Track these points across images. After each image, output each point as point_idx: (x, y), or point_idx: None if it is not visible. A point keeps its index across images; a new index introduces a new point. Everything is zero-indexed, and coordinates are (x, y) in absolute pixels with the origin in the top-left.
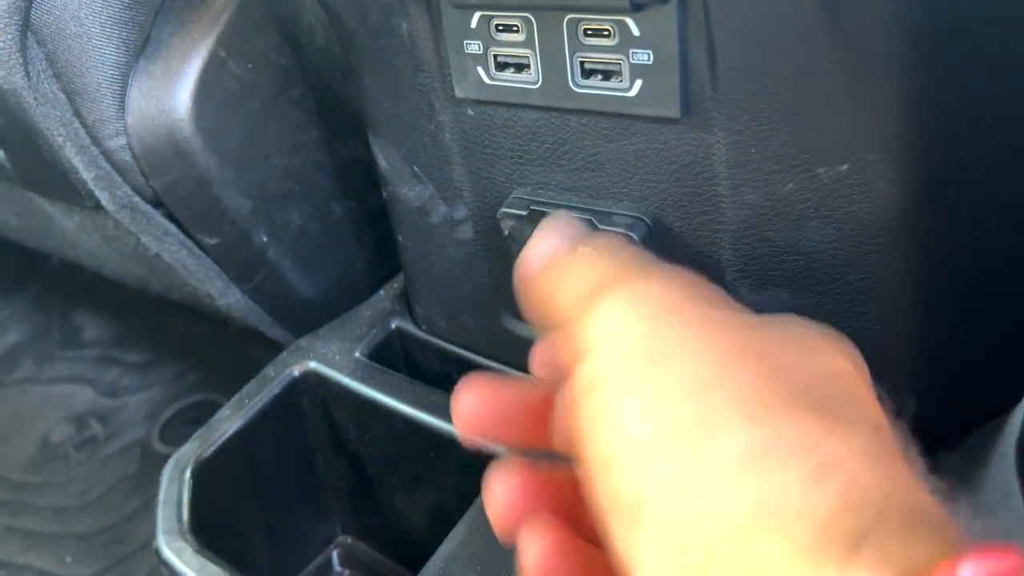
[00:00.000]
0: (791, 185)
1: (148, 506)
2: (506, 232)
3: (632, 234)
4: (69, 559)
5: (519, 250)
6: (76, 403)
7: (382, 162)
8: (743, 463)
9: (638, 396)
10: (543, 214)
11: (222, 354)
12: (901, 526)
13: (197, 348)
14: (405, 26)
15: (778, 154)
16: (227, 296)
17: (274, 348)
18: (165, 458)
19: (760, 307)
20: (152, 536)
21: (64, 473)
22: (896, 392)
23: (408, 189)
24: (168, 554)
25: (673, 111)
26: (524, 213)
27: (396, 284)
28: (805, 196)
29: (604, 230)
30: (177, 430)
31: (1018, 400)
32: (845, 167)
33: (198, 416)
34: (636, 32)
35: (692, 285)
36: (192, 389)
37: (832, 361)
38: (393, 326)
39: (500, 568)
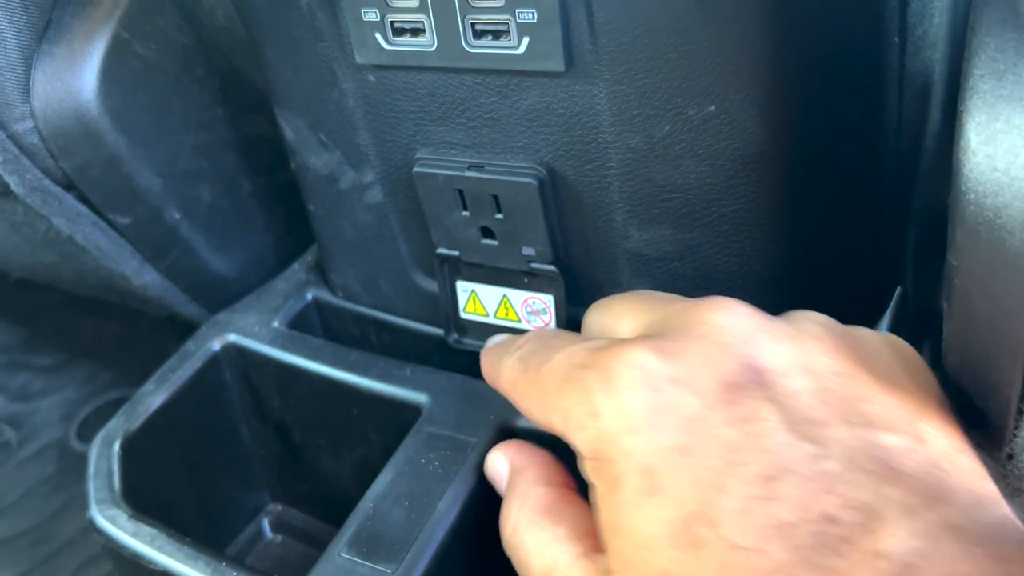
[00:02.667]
0: (667, 127)
1: (69, 505)
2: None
3: (532, 181)
4: None
5: (430, 203)
6: None
7: (288, 133)
8: None
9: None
10: None
11: (135, 350)
12: None
13: (109, 346)
14: None
15: (653, 99)
16: (142, 276)
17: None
18: (84, 457)
19: (648, 243)
20: (80, 532)
21: None
22: (770, 310)
23: (316, 157)
24: (103, 522)
25: (558, 65)
26: (436, 172)
27: (310, 256)
28: (680, 137)
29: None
30: (95, 428)
31: (879, 316)
32: (712, 107)
33: (115, 413)
34: None
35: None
36: (107, 387)
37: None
38: (309, 296)
39: (428, 501)
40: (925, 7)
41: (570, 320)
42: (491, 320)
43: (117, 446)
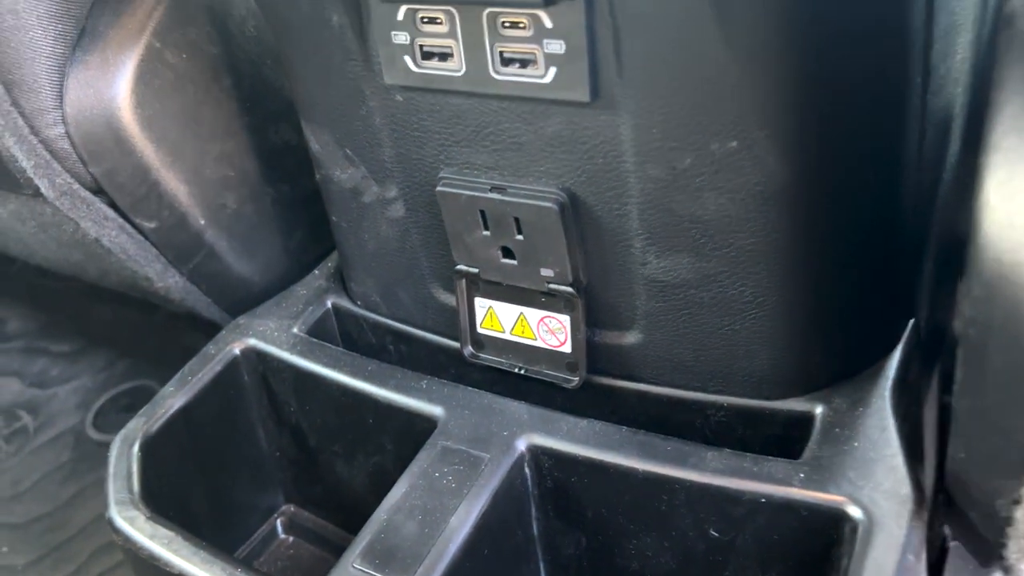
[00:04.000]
0: (689, 160)
1: (83, 492)
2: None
3: (553, 206)
4: (4, 549)
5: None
6: (3, 395)
7: (315, 146)
8: None
9: None
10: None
11: (152, 340)
12: None
13: (126, 335)
14: (335, 18)
15: (676, 133)
16: (165, 279)
17: (205, 332)
18: (100, 445)
19: (666, 270)
20: (94, 520)
21: None
22: (786, 340)
23: (341, 171)
24: (121, 523)
25: (584, 95)
26: (460, 192)
27: (330, 263)
28: (701, 170)
29: None
30: (111, 417)
31: (891, 348)
32: (735, 143)
33: (132, 402)
34: (549, 24)
35: None
36: (124, 376)
37: None
38: (329, 303)
39: (441, 516)
40: (948, 46)
41: (587, 342)
42: (507, 336)
43: (136, 447)
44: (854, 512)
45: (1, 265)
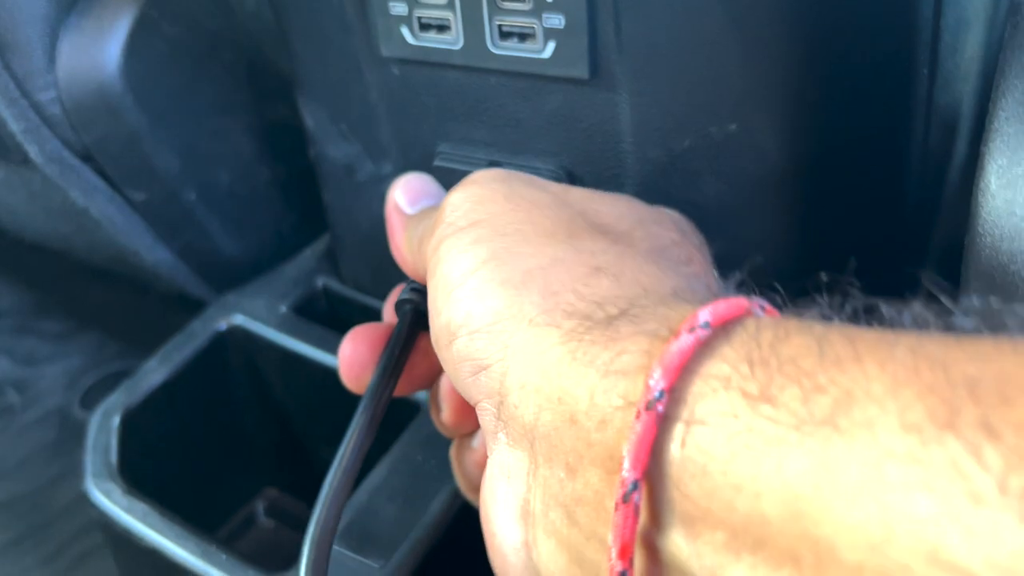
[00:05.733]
0: (687, 142)
1: (67, 473)
2: None
3: None
4: None
5: None
6: None
7: (310, 122)
8: (530, 272)
9: (462, 242)
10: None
11: (143, 322)
12: (659, 303)
13: (117, 317)
14: None
15: (676, 114)
16: (154, 253)
17: (196, 314)
18: (86, 426)
19: None
20: (76, 500)
21: None
22: None
23: (335, 148)
24: (98, 495)
25: (583, 72)
26: (457, 167)
27: (322, 244)
28: (699, 153)
29: None
30: (99, 398)
31: None
32: (734, 127)
33: (120, 384)
34: None
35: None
36: (113, 357)
37: (633, 209)
38: (319, 283)
39: (421, 500)
40: (957, 41)
41: None
42: None
43: (117, 420)
44: None
45: None
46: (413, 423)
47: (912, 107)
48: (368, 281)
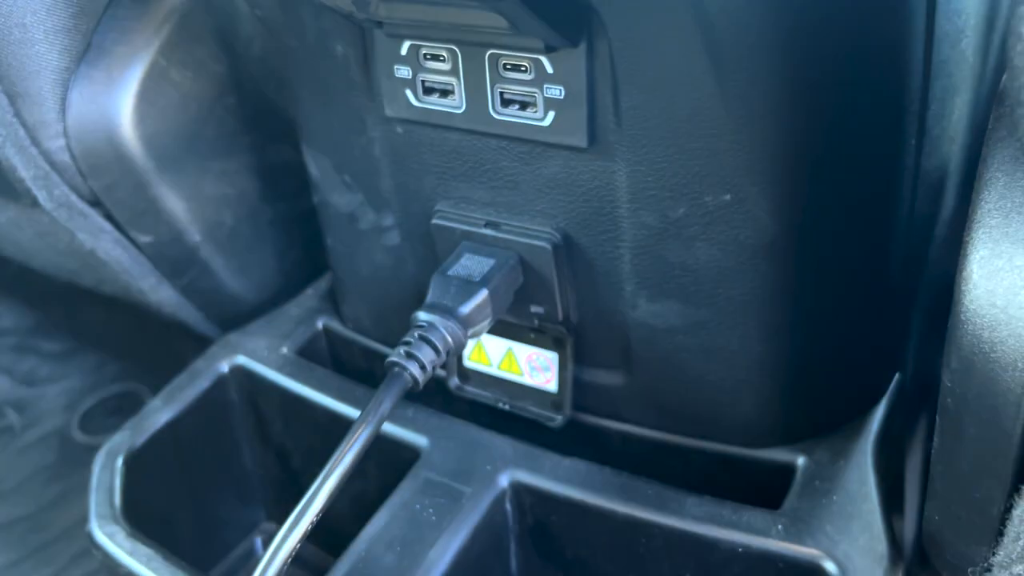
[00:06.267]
0: (682, 210)
1: (67, 495)
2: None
3: (546, 245)
4: None
5: (446, 253)
6: None
7: (314, 170)
8: None
9: None
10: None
11: (143, 345)
12: None
13: (118, 338)
14: (340, 48)
15: (671, 183)
16: (159, 292)
17: (197, 341)
18: (85, 448)
19: (656, 315)
20: (76, 523)
21: None
22: (771, 390)
23: (339, 196)
24: (101, 538)
25: (581, 141)
26: (455, 225)
27: (323, 283)
28: (694, 220)
29: None
30: (98, 420)
31: (875, 402)
32: (728, 196)
33: (120, 406)
34: (550, 70)
35: None
36: (113, 379)
37: None
38: (320, 324)
39: (419, 548)
40: (944, 108)
41: (574, 380)
42: (494, 371)
43: (120, 461)
44: (829, 567)
45: None
46: (413, 469)
47: (900, 175)
48: (369, 324)
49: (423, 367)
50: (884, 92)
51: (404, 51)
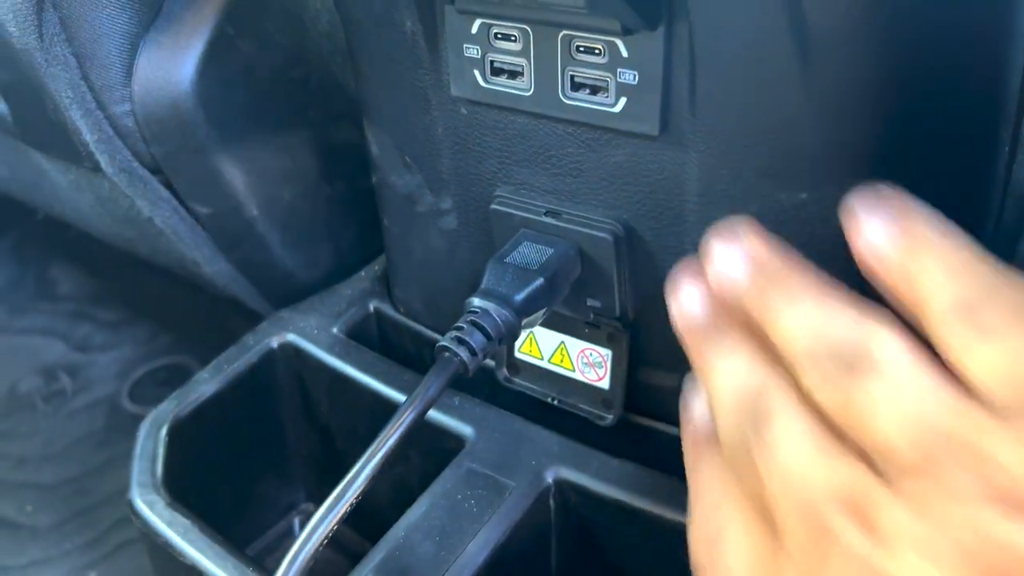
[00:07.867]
0: (754, 207)
1: (112, 462)
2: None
3: (608, 236)
4: (29, 508)
5: (503, 240)
6: (46, 355)
7: (375, 148)
8: None
9: None
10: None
11: (196, 319)
12: None
13: (172, 311)
14: (408, 23)
15: (745, 178)
16: (213, 264)
17: (248, 317)
18: (133, 416)
19: None
20: (119, 490)
21: (30, 423)
22: None
23: (398, 177)
24: (141, 506)
25: (653, 129)
26: (514, 212)
27: (377, 266)
28: (766, 219)
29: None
30: (147, 390)
31: None
32: (804, 195)
33: (169, 378)
34: (625, 53)
35: None
36: (164, 351)
37: None
38: (371, 306)
39: (458, 539)
40: None
41: (627, 378)
42: (545, 364)
43: (165, 431)
44: None
45: (60, 228)
46: (456, 458)
47: (990, 185)
48: (420, 309)
49: (473, 352)
50: (981, 94)
51: (475, 29)
